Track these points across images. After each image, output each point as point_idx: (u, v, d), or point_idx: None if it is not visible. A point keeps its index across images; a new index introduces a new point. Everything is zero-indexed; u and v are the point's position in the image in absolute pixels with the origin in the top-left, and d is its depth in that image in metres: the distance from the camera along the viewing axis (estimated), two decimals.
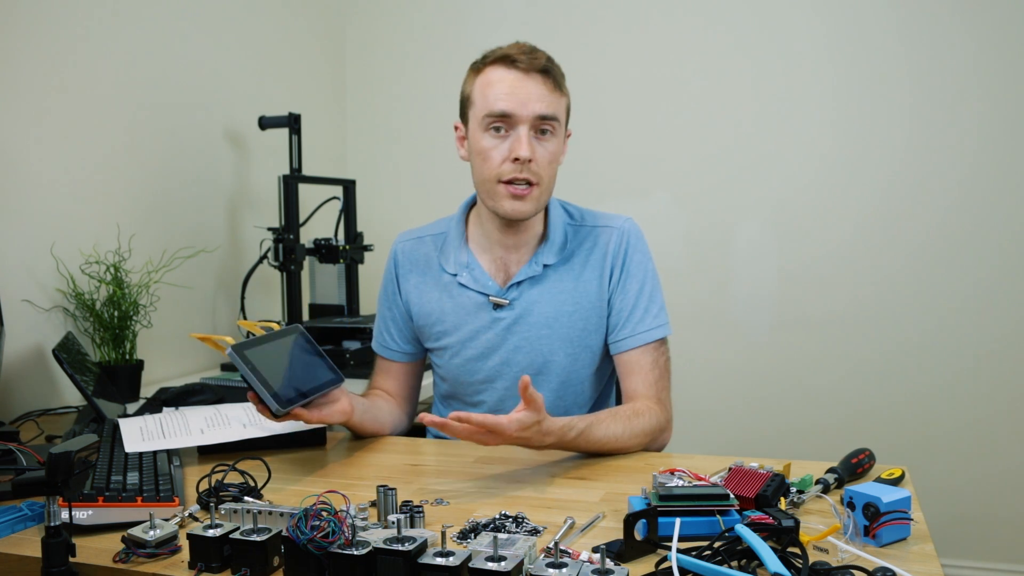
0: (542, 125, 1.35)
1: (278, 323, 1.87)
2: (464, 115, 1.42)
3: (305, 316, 2.34)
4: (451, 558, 0.77)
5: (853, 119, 2.43)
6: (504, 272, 1.46)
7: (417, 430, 1.59)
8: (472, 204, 1.51)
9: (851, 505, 0.92)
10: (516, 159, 1.33)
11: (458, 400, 1.53)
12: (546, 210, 1.47)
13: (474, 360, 1.46)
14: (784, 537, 0.85)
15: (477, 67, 1.39)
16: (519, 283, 1.44)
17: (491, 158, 1.35)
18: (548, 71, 1.35)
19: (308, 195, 2.30)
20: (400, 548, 0.78)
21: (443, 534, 0.83)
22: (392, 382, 1.56)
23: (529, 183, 1.35)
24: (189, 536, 0.87)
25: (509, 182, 1.35)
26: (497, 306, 1.44)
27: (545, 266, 1.44)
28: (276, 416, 1.17)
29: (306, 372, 1.26)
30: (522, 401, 1.16)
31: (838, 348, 2.49)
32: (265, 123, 2.28)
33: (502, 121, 1.34)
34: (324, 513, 0.80)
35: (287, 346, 1.28)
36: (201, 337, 1.24)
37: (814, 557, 0.84)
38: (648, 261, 1.46)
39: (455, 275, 1.47)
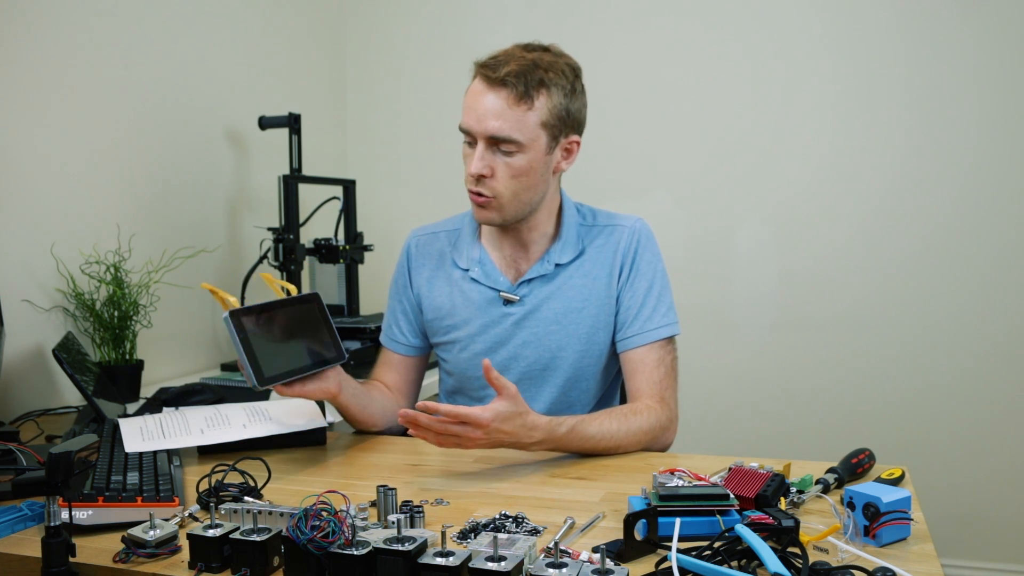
0: (498, 144, 1.33)
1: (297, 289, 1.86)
2: None
3: None
4: (451, 558, 0.77)
5: (853, 120, 2.43)
6: (515, 268, 1.47)
7: None
8: None
9: (851, 505, 0.92)
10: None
11: (464, 396, 1.53)
12: (559, 210, 1.48)
13: (482, 354, 1.47)
14: (784, 537, 0.85)
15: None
16: (530, 280, 1.45)
17: (465, 166, 1.37)
18: (507, 83, 1.30)
19: (308, 195, 2.30)
20: (400, 548, 0.78)
21: (443, 534, 0.83)
22: (394, 375, 1.56)
23: (487, 196, 1.36)
24: (189, 536, 0.87)
25: (473, 191, 1.37)
26: (507, 302, 1.45)
27: (557, 265, 1.45)
28: (254, 389, 1.16)
29: (306, 346, 1.25)
30: (496, 392, 1.16)
31: (838, 348, 2.49)
32: (265, 123, 2.28)
33: (467, 134, 1.35)
34: (324, 513, 0.80)
35: (295, 315, 1.25)
36: (211, 288, 1.23)
37: (814, 557, 0.84)
38: (658, 261, 1.47)
39: (467, 270, 1.48)
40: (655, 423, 1.34)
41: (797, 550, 0.82)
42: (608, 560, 0.78)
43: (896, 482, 1.09)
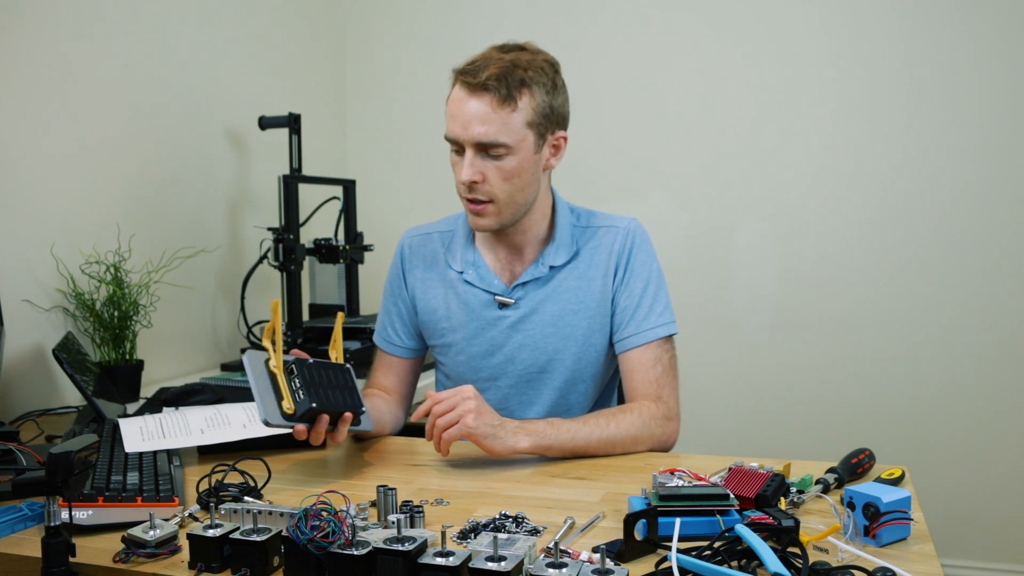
0: (487, 149, 1.32)
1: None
2: None
3: (305, 316, 2.34)
4: (451, 558, 0.77)
5: (853, 120, 2.43)
6: (510, 271, 1.46)
7: (418, 430, 1.59)
8: None
9: (851, 505, 0.92)
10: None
11: None
12: (553, 212, 1.47)
13: (478, 357, 1.47)
14: (784, 537, 0.85)
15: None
16: (524, 283, 1.44)
17: (455, 175, 1.36)
18: (488, 88, 1.28)
19: (308, 195, 2.30)
20: (400, 548, 0.78)
21: (443, 534, 0.83)
22: (392, 378, 1.56)
23: (483, 201, 1.35)
24: (189, 536, 0.87)
25: (468, 199, 1.36)
26: (502, 305, 1.45)
27: (551, 267, 1.44)
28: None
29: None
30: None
31: (838, 349, 2.49)
32: (265, 123, 2.28)
33: (454, 143, 1.34)
34: (324, 513, 0.80)
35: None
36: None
37: (814, 557, 0.84)
38: (653, 261, 1.46)
39: (461, 273, 1.47)
40: (648, 419, 1.34)
41: (797, 550, 0.82)
42: (608, 560, 0.78)
43: (896, 482, 1.09)
